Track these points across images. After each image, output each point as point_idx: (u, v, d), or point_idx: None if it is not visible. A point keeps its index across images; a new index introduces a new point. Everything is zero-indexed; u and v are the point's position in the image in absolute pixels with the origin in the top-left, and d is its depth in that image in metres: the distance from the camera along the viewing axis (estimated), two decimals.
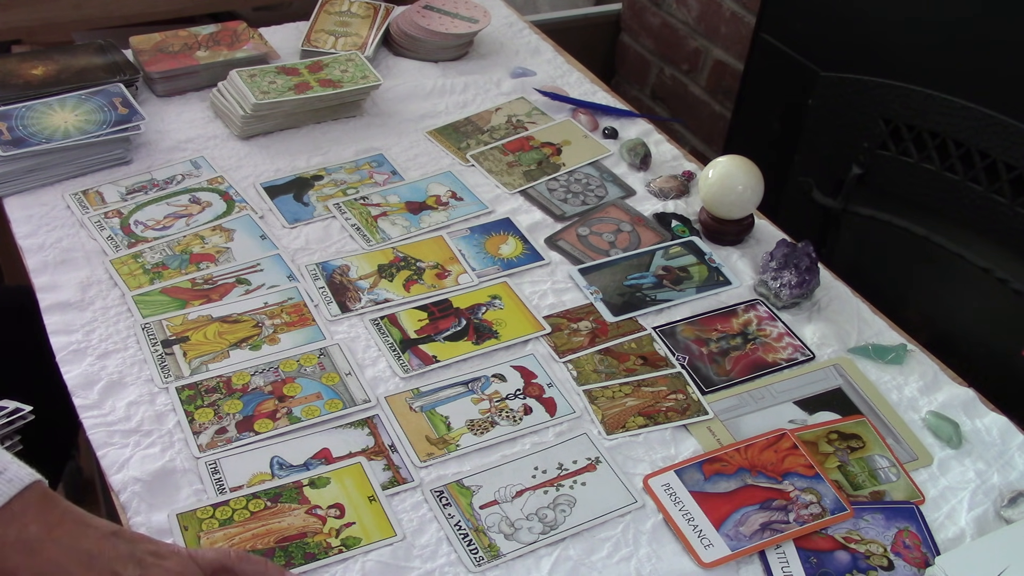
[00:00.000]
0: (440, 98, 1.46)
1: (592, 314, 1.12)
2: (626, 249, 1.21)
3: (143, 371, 0.99)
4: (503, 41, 1.64)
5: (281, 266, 1.13)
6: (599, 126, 1.44)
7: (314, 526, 0.86)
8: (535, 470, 0.93)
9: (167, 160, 1.28)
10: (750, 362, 1.07)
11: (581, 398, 1.01)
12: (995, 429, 1.02)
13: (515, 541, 0.87)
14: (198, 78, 1.41)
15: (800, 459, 0.96)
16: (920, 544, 0.89)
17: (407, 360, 1.03)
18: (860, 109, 1.45)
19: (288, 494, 0.88)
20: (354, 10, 1.59)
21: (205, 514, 0.86)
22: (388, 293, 1.11)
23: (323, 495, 0.89)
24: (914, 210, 1.40)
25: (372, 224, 1.21)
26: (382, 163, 1.32)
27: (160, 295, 1.08)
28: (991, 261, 1.30)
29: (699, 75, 2.10)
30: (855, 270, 1.32)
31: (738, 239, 1.24)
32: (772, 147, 1.68)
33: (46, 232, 1.15)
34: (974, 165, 1.30)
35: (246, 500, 0.87)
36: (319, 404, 0.97)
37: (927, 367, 1.08)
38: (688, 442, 0.98)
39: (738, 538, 0.88)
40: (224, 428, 0.94)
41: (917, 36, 1.37)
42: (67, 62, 1.34)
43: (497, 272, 1.16)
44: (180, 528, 0.84)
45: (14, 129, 1.21)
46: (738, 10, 1.93)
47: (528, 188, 1.30)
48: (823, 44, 1.53)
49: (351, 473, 0.91)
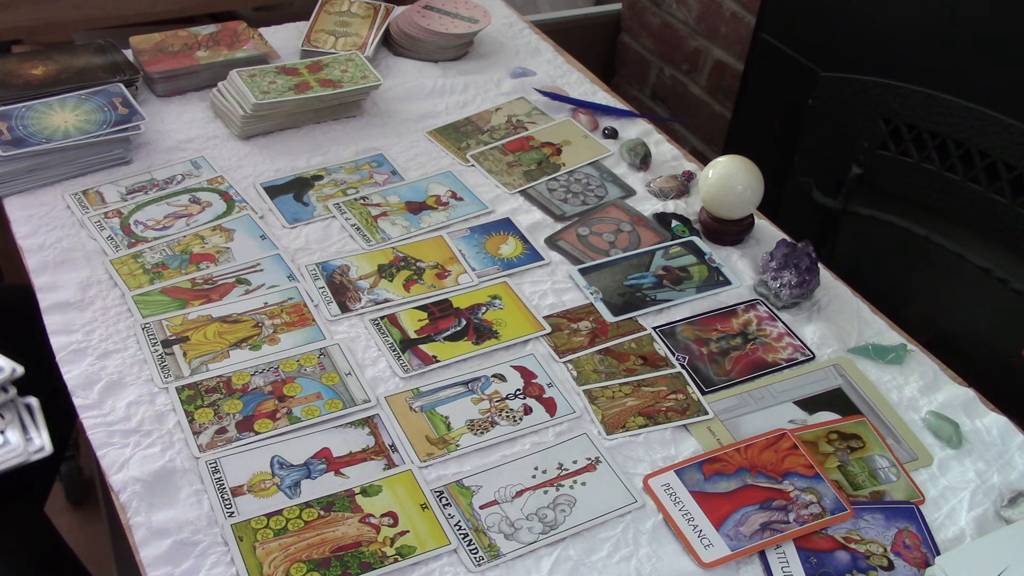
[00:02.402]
0: (440, 98, 1.46)
1: (592, 314, 1.12)
2: (626, 249, 1.21)
3: (143, 371, 0.99)
4: (503, 41, 1.64)
5: (281, 266, 1.13)
6: (599, 126, 1.44)
7: (368, 535, 0.86)
8: (535, 470, 0.93)
9: (167, 160, 1.28)
10: (750, 362, 1.07)
11: (581, 398, 1.01)
12: (995, 429, 1.02)
13: (515, 541, 0.87)
14: (198, 78, 1.41)
15: (800, 459, 0.96)
16: (920, 544, 0.89)
17: (407, 360, 1.03)
18: (860, 109, 1.45)
19: (341, 503, 0.88)
20: (354, 10, 1.59)
21: (259, 524, 0.86)
22: (388, 293, 1.11)
23: (375, 503, 0.88)
24: (914, 210, 1.40)
25: (372, 224, 1.21)
26: (382, 163, 1.32)
27: (160, 295, 1.08)
28: (991, 261, 1.30)
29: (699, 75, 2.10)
30: (855, 270, 1.32)
31: (738, 239, 1.24)
32: (772, 147, 1.68)
33: (46, 232, 1.15)
34: (974, 165, 1.30)
35: (299, 509, 0.87)
36: (319, 404, 0.97)
37: (927, 367, 1.08)
38: (688, 442, 0.98)
39: (738, 538, 0.88)
40: (224, 428, 0.94)
41: (917, 36, 1.37)
42: (67, 62, 1.34)
43: (497, 272, 1.16)
44: (236, 539, 0.84)
45: (14, 129, 1.21)
46: (738, 10, 1.93)
47: (528, 188, 1.30)
48: (823, 44, 1.53)
49: (402, 481, 0.91)
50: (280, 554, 0.84)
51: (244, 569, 0.82)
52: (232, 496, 0.88)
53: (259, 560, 0.83)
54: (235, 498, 0.88)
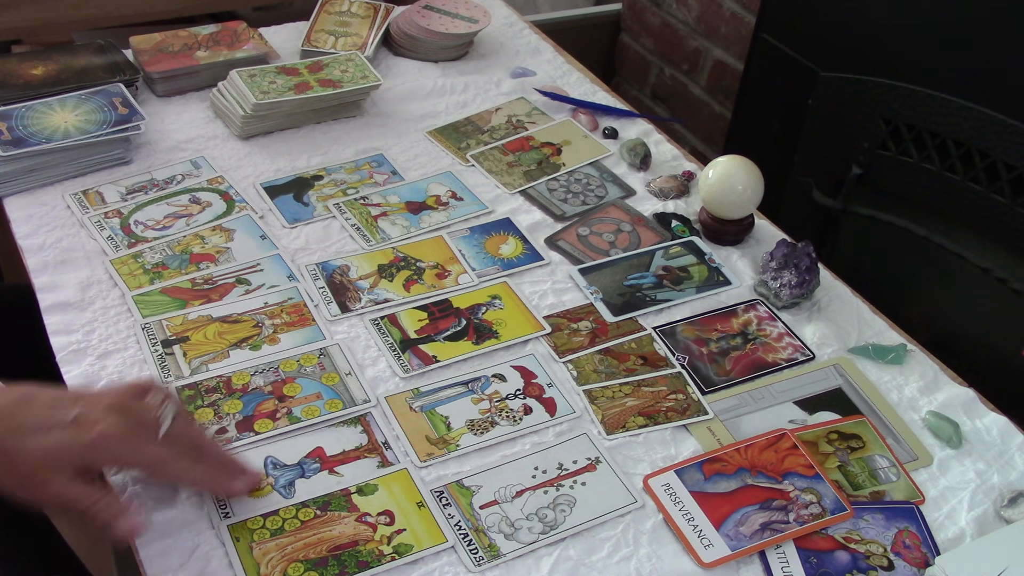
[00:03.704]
0: (440, 98, 1.46)
1: (592, 314, 1.12)
2: (626, 249, 1.21)
3: (143, 371, 0.99)
4: (503, 41, 1.64)
5: (281, 266, 1.13)
6: (599, 126, 1.44)
7: (365, 534, 0.86)
8: (535, 470, 0.93)
9: (167, 160, 1.28)
10: (750, 362, 1.07)
11: (581, 398, 1.01)
12: (995, 429, 1.02)
13: (515, 541, 0.87)
14: (198, 78, 1.41)
15: (800, 459, 0.96)
16: (920, 544, 0.89)
17: (407, 360, 1.03)
18: (860, 109, 1.45)
19: (337, 502, 0.88)
20: (354, 10, 1.59)
21: (256, 524, 0.85)
22: (388, 293, 1.11)
23: (372, 502, 0.88)
24: (914, 210, 1.40)
25: (372, 224, 1.21)
26: (382, 163, 1.32)
27: (160, 295, 1.08)
28: (991, 261, 1.30)
29: (699, 75, 2.10)
30: (855, 270, 1.32)
31: (738, 239, 1.24)
32: (772, 147, 1.68)
33: (46, 232, 1.15)
34: (974, 165, 1.30)
35: (295, 509, 0.87)
36: (319, 404, 0.97)
37: (927, 367, 1.08)
38: (688, 442, 0.98)
39: (738, 538, 0.88)
40: (224, 428, 0.94)
41: (917, 36, 1.37)
42: (67, 62, 1.34)
43: (497, 272, 1.16)
44: (232, 539, 0.84)
45: (14, 129, 1.21)
46: (738, 10, 1.93)
47: (528, 188, 1.30)
48: (823, 44, 1.53)
49: (398, 479, 0.91)
50: (277, 554, 0.84)
51: (241, 569, 0.82)
52: (227, 497, 0.88)
53: (256, 560, 0.83)
54: (230, 499, 0.88)
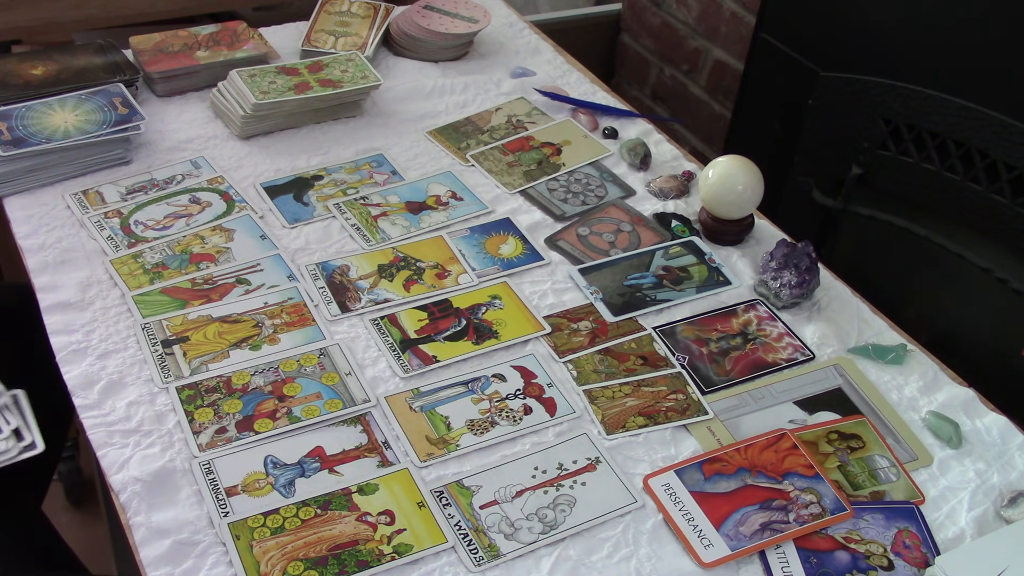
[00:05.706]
0: (440, 98, 1.46)
1: (592, 314, 1.12)
2: (626, 249, 1.21)
3: (143, 371, 0.99)
4: (503, 41, 1.64)
5: (281, 266, 1.13)
6: (599, 126, 1.44)
7: (365, 533, 0.86)
8: (535, 470, 0.93)
9: (167, 160, 1.28)
10: (750, 362, 1.07)
11: (581, 398, 1.01)
12: (995, 429, 1.02)
13: (515, 541, 0.87)
14: (198, 78, 1.41)
15: (800, 459, 0.96)
16: (920, 544, 0.89)
17: (407, 360, 1.03)
18: (860, 109, 1.45)
19: (338, 501, 0.88)
20: (354, 10, 1.59)
21: (256, 523, 0.86)
22: (388, 293, 1.11)
23: (372, 502, 0.89)
24: (914, 210, 1.40)
25: (372, 224, 1.21)
26: (382, 163, 1.32)
27: (160, 295, 1.08)
28: (991, 261, 1.30)
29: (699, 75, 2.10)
30: (855, 270, 1.32)
31: (738, 239, 1.24)
32: (772, 147, 1.68)
33: (46, 232, 1.15)
34: (974, 165, 1.30)
35: (296, 508, 0.87)
36: (319, 404, 0.97)
37: (927, 367, 1.08)
38: (688, 442, 0.98)
39: (738, 538, 0.88)
40: (224, 428, 0.94)
41: (917, 36, 1.37)
42: (67, 62, 1.34)
43: (497, 272, 1.16)
44: (232, 537, 0.84)
45: (14, 129, 1.21)
46: (738, 10, 1.93)
47: (528, 188, 1.30)
48: (823, 44, 1.53)
49: (399, 479, 0.91)
50: (277, 552, 0.84)
51: (241, 568, 0.82)
52: (227, 496, 0.88)
53: (256, 559, 0.83)
54: (229, 498, 0.88)
